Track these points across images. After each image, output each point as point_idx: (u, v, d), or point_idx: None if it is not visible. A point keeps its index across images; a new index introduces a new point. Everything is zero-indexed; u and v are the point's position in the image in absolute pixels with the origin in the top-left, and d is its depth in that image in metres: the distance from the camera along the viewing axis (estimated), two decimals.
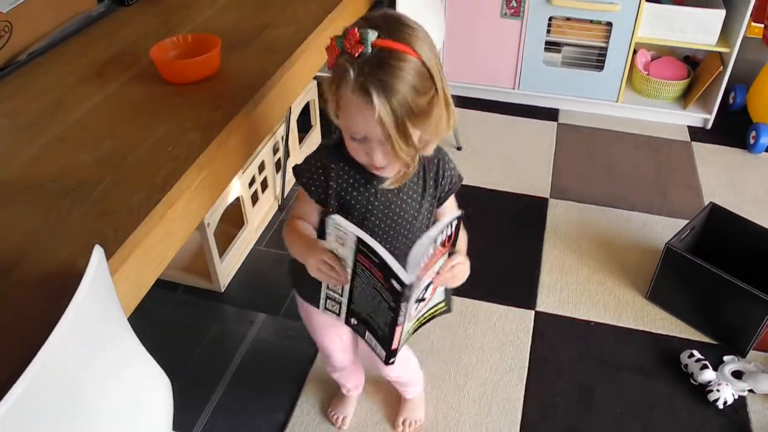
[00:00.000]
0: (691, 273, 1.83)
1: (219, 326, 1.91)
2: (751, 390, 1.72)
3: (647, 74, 2.80)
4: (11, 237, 0.95)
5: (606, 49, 2.68)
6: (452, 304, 1.18)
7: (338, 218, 0.97)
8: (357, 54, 0.92)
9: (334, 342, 1.41)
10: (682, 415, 1.68)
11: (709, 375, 1.72)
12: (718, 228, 1.99)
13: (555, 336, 1.88)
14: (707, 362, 1.75)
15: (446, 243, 1.03)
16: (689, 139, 2.76)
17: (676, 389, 1.74)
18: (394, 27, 0.95)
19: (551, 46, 2.77)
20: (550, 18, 2.68)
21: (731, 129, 2.78)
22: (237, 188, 1.99)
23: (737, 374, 1.75)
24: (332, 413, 1.66)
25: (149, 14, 1.64)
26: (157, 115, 1.22)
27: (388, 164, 1.02)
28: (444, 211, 1.21)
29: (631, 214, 2.34)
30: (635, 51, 2.80)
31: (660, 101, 2.84)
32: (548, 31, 2.72)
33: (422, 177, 1.14)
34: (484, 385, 1.75)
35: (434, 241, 0.97)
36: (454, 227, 1.01)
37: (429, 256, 0.99)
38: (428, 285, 1.06)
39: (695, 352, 1.78)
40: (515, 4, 2.66)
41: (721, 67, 2.64)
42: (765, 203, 2.39)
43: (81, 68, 1.40)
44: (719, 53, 2.69)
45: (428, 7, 2.22)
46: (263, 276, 2.04)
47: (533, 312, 1.96)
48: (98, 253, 0.76)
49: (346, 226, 0.96)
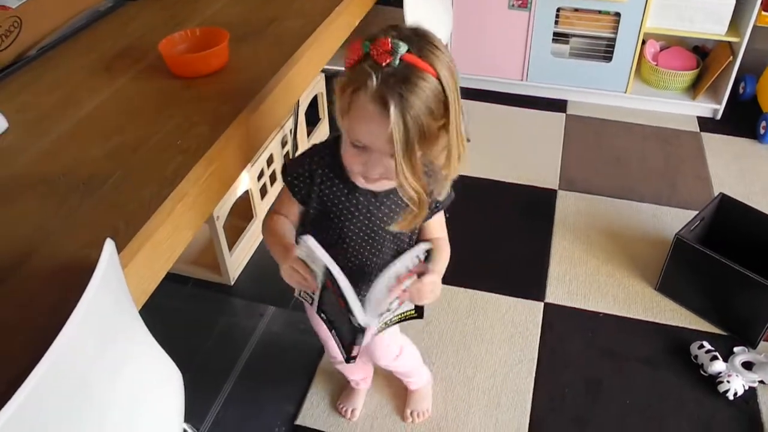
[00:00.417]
0: (701, 264, 1.82)
1: (229, 319, 1.92)
2: (762, 381, 1.71)
3: (656, 65, 2.78)
4: (23, 231, 0.95)
5: (614, 40, 2.67)
6: (424, 312, 1.17)
7: (311, 242, 1.00)
8: (385, 63, 0.91)
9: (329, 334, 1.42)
10: (692, 407, 1.68)
11: (719, 366, 1.72)
12: (728, 219, 1.98)
13: (564, 327, 1.88)
14: (717, 353, 1.75)
15: (411, 270, 1.06)
16: (698, 130, 2.74)
17: (686, 380, 1.74)
18: (424, 45, 0.94)
19: (559, 38, 2.76)
20: (558, 9, 2.67)
21: (741, 119, 2.76)
22: (246, 181, 1.99)
23: (747, 365, 1.75)
24: (341, 406, 1.67)
25: (157, 8, 1.64)
26: (166, 109, 1.22)
27: (381, 179, 1.01)
28: (427, 227, 1.20)
29: (641, 206, 2.33)
30: (644, 41, 2.79)
31: (669, 92, 2.82)
32: (556, 22, 2.70)
33: None
34: (494, 377, 1.75)
35: (397, 277, 1.00)
36: (422, 257, 1.04)
37: (390, 289, 1.02)
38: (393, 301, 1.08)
39: (705, 343, 1.78)
40: None
41: (731, 57, 2.62)
42: None
43: (90, 63, 1.40)
44: (729, 43, 2.67)
45: None
46: (272, 269, 2.02)
47: (542, 303, 1.95)
48: (110, 247, 0.76)
49: (318, 254, 0.99)
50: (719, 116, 2.79)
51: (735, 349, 1.80)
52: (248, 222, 2.11)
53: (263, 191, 2.15)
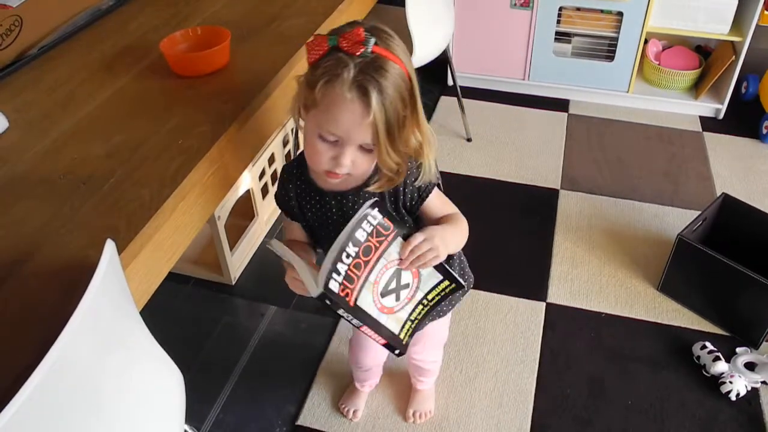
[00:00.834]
0: (704, 264, 1.82)
1: (230, 319, 1.92)
2: (764, 382, 1.71)
3: (658, 64, 2.78)
4: (24, 230, 0.95)
5: (617, 39, 2.66)
6: (461, 280, 1.10)
7: (275, 245, 1.03)
8: (358, 53, 0.94)
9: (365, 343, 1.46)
10: (694, 407, 1.67)
11: (722, 367, 1.71)
12: (731, 219, 1.97)
13: (566, 328, 1.88)
14: (720, 354, 1.74)
15: (382, 232, 1.00)
16: (701, 130, 2.74)
17: (688, 381, 1.73)
18: (385, 37, 0.99)
19: (561, 37, 2.75)
20: (560, 8, 2.66)
21: (744, 119, 2.76)
22: (247, 181, 1.99)
23: (750, 366, 1.74)
24: (343, 406, 1.66)
25: (158, 7, 1.64)
26: (167, 109, 1.22)
27: (350, 172, 1.02)
28: (430, 209, 1.15)
29: (643, 206, 2.32)
30: (646, 41, 2.78)
31: (671, 91, 2.81)
32: (558, 22, 2.70)
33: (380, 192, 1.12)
34: (496, 377, 1.74)
35: (349, 243, 0.97)
36: (375, 213, 0.99)
37: (353, 256, 0.98)
38: (399, 273, 1.05)
39: (707, 344, 1.77)
40: None
41: (734, 57, 2.61)
42: None
43: (91, 62, 1.40)
44: (731, 42, 2.66)
45: None
46: (274, 268, 2.04)
47: (544, 304, 1.95)
48: (110, 248, 0.76)
49: (279, 252, 1.02)
50: (722, 116, 2.78)
51: (737, 350, 1.79)
52: (249, 221, 2.10)
53: (264, 191, 2.14)
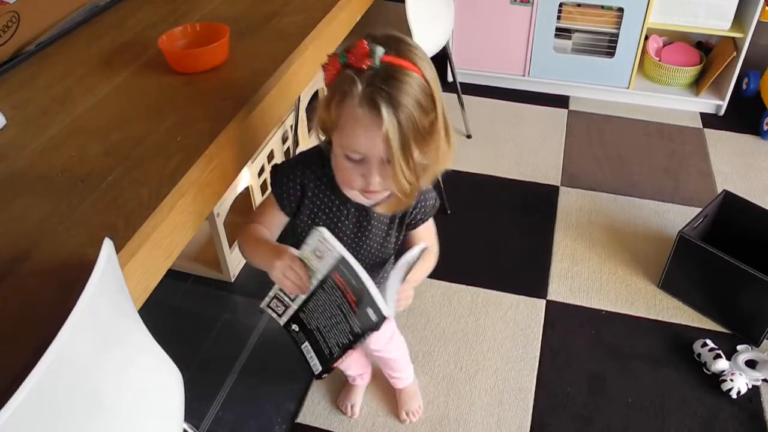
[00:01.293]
0: (705, 261, 1.81)
1: (229, 316, 1.91)
2: (765, 379, 1.71)
3: (659, 60, 2.77)
4: (22, 228, 0.94)
5: (617, 35, 2.65)
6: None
7: (326, 233, 0.97)
8: (365, 67, 0.91)
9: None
10: (695, 405, 1.67)
11: (723, 364, 1.71)
12: (732, 216, 1.97)
13: (566, 325, 1.88)
14: (720, 351, 1.74)
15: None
16: (701, 126, 2.73)
17: (689, 379, 1.73)
18: (399, 45, 0.94)
19: (562, 33, 2.75)
20: (561, 4, 2.65)
21: (744, 115, 2.75)
22: (246, 178, 1.98)
23: (751, 364, 1.74)
24: (341, 403, 1.66)
25: (156, 3, 1.63)
26: (166, 106, 1.21)
27: (383, 189, 1.00)
28: (415, 236, 1.19)
29: (643, 202, 2.32)
30: (647, 37, 2.77)
31: (672, 87, 2.80)
32: (558, 18, 2.69)
33: None
34: (496, 375, 1.74)
35: (406, 274, 1.00)
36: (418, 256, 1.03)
37: (401, 281, 1.02)
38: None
39: (708, 342, 1.77)
40: None
41: (735, 53, 2.60)
42: None
43: (89, 58, 1.39)
44: (732, 38, 2.65)
45: None
46: None
47: (544, 301, 1.95)
48: (108, 247, 0.75)
49: (334, 244, 0.96)
50: (722, 112, 2.77)
51: (738, 348, 1.79)
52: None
53: (263, 188, 2.14)
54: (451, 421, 1.64)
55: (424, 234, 1.20)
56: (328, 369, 1.09)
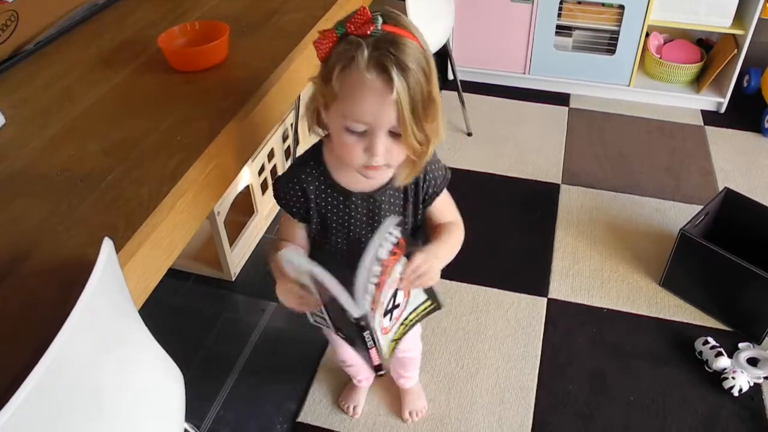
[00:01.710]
0: (706, 259, 1.81)
1: (230, 315, 1.91)
2: (767, 377, 1.70)
3: (660, 58, 2.76)
4: (22, 227, 0.94)
5: (618, 33, 2.65)
6: (441, 300, 1.12)
7: (290, 254, 0.96)
8: (369, 32, 0.90)
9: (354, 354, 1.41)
10: (696, 403, 1.67)
11: (724, 362, 1.70)
12: (733, 213, 1.96)
13: (567, 323, 1.87)
14: (722, 349, 1.73)
15: (395, 251, 0.99)
16: (702, 124, 2.72)
17: (690, 376, 1.73)
18: (394, 15, 0.94)
19: (562, 30, 2.74)
20: (561, 1, 2.65)
21: (745, 113, 2.75)
22: (246, 176, 1.98)
23: (753, 361, 1.74)
24: (343, 403, 1.66)
25: (156, 2, 1.62)
26: (166, 104, 1.21)
27: (386, 163, 0.98)
28: (434, 211, 1.17)
29: (644, 200, 2.31)
30: (648, 34, 2.76)
31: (673, 85, 2.80)
32: (559, 15, 2.68)
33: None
34: (497, 373, 1.74)
35: (375, 262, 0.95)
36: (397, 232, 0.98)
37: (377, 275, 0.96)
38: (395, 293, 1.04)
39: (710, 339, 1.77)
40: None
41: (736, 50, 2.59)
42: None
43: (88, 57, 1.39)
44: (733, 36, 2.65)
45: None
46: None
47: (545, 299, 1.94)
48: (107, 247, 0.75)
49: (297, 262, 0.95)
50: (723, 110, 2.77)
51: (740, 345, 1.79)
52: (249, 217, 2.09)
53: (264, 186, 2.13)
54: (453, 420, 1.63)
55: (443, 207, 1.17)
56: (375, 368, 1.06)
